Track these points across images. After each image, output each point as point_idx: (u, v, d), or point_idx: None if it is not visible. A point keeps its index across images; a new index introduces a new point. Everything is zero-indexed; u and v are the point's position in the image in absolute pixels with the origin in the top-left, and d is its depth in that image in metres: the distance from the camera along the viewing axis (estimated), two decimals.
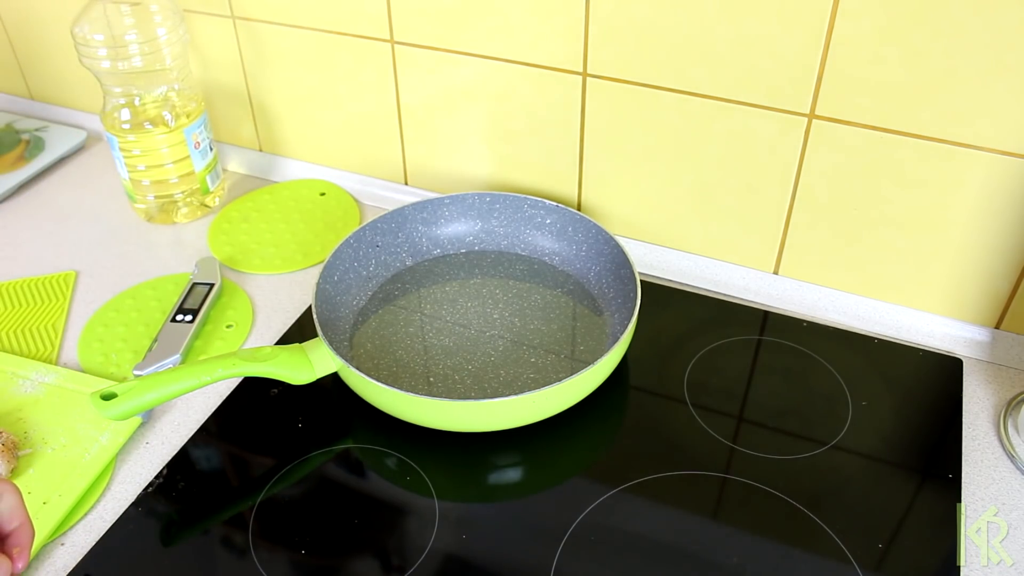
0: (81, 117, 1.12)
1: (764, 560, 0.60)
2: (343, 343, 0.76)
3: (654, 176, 0.82)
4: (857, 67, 0.68)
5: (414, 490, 0.65)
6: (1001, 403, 0.71)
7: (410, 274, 0.84)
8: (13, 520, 0.51)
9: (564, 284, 0.82)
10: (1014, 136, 0.66)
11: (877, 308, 0.79)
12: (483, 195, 0.85)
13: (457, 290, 0.82)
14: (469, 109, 0.87)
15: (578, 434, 0.69)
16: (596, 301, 0.80)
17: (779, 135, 0.74)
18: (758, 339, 0.78)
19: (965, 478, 0.65)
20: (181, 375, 0.66)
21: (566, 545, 0.61)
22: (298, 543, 0.62)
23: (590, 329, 0.77)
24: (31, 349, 0.79)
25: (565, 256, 0.84)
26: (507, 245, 0.86)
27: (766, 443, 0.68)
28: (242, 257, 0.90)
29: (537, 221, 0.85)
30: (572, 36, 0.77)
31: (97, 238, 0.93)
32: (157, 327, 0.80)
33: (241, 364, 0.67)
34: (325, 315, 0.74)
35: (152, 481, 0.66)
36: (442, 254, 0.86)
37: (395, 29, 0.85)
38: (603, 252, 0.80)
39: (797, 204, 0.77)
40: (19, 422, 0.70)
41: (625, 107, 0.79)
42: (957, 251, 0.73)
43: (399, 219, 0.84)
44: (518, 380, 0.72)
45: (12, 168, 1.03)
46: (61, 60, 1.08)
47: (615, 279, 0.78)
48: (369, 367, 0.74)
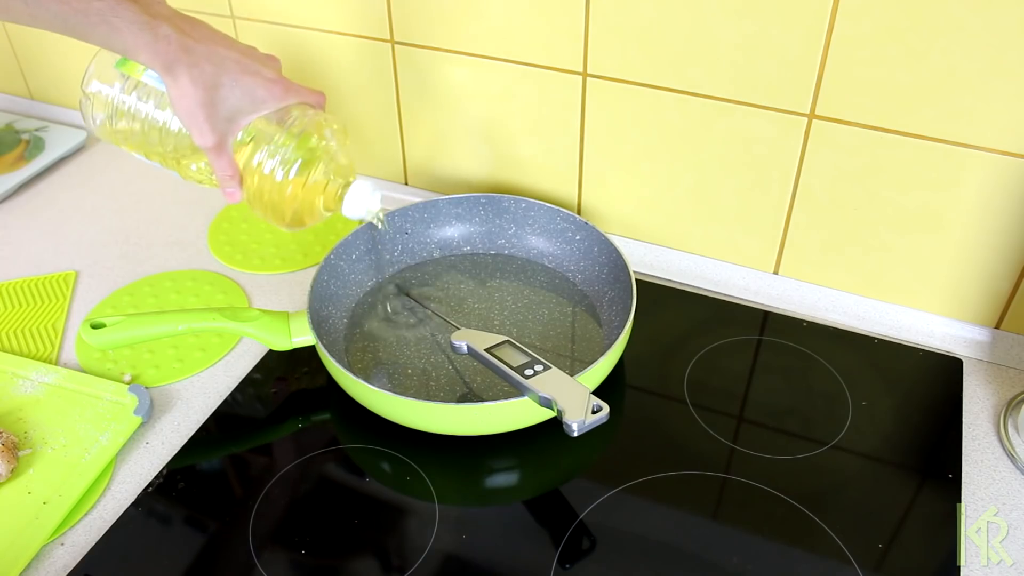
0: (81, 117, 1.12)
1: (764, 560, 0.60)
2: (337, 343, 0.76)
3: (654, 176, 0.82)
4: (857, 67, 0.68)
5: (414, 490, 0.65)
6: (1001, 403, 0.71)
7: (408, 275, 0.84)
8: None
9: (561, 285, 0.82)
10: (1014, 136, 0.66)
11: (877, 308, 0.79)
12: (481, 197, 0.85)
13: (455, 291, 0.82)
14: (469, 109, 0.87)
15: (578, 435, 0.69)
16: (594, 302, 0.80)
17: (779, 135, 0.74)
18: (758, 339, 0.78)
19: (965, 478, 0.65)
20: (164, 319, 0.72)
21: (566, 545, 0.61)
22: (298, 543, 0.62)
23: (588, 330, 0.77)
24: (31, 349, 0.79)
25: (562, 257, 0.84)
26: (505, 247, 0.86)
27: (766, 443, 0.68)
28: (242, 257, 0.90)
29: (534, 223, 0.85)
30: (572, 36, 0.77)
31: (97, 238, 0.94)
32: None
33: (221, 319, 0.70)
34: (320, 297, 0.75)
35: (152, 481, 0.66)
36: (441, 255, 0.86)
37: (395, 29, 0.85)
38: (600, 253, 0.80)
39: (797, 204, 0.77)
40: (19, 422, 0.70)
41: (625, 107, 0.79)
42: (957, 251, 0.73)
43: (399, 219, 0.84)
44: None
45: (12, 168, 1.03)
46: (61, 60, 1.08)
47: (613, 280, 0.78)
48: (361, 369, 0.74)
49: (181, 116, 0.61)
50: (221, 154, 0.63)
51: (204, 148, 0.62)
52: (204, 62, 0.59)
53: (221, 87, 0.60)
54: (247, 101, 0.62)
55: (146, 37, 0.58)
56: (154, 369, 0.76)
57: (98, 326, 0.70)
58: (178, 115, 0.61)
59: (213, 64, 0.60)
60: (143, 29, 0.58)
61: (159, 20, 0.58)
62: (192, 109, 0.60)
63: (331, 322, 0.77)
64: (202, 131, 0.61)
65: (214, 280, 0.87)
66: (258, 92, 0.62)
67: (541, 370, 0.61)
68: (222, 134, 0.62)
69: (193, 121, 0.60)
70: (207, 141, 0.61)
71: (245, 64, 0.62)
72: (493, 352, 0.64)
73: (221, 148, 0.62)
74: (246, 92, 0.62)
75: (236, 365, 0.77)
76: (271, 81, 0.63)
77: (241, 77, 0.61)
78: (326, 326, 0.75)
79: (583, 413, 0.57)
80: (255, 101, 0.62)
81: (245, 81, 0.61)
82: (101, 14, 0.57)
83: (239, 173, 0.65)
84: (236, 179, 0.65)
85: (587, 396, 0.58)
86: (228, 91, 0.61)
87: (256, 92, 0.62)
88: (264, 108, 0.63)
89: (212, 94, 0.60)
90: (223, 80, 0.60)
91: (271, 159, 0.64)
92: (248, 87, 0.62)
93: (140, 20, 0.58)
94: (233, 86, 0.61)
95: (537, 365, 0.62)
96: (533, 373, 0.61)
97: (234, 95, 0.61)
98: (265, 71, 0.63)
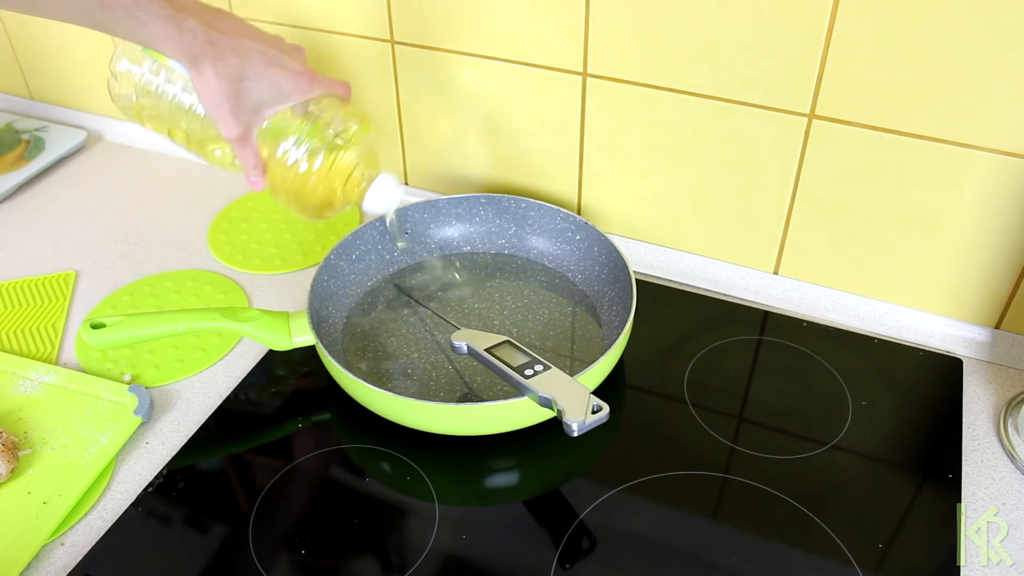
0: (81, 117, 1.12)
1: (764, 560, 0.60)
2: (337, 343, 0.76)
3: (654, 176, 0.82)
4: (857, 67, 0.68)
5: (414, 491, 0.65)
6: (1001, 403, 0.71)
7: (408, 275, 0.84)
8: None
9: (562, 285, 0.82)
10: (1014, 136, 0.66)
11: (877, 308, 0.79)
12: (481, 197, 0.85)
13: (455, 291, 0.82)
14: (469, 109, 0.87)
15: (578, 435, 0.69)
16: (593, 302, 0.80)
17: (779, 135, 0.74)
18: (758, 339, 0.78)
19: (965, 478, 0.65)
20: (164, 319, 0.72)
21: (566, 545, 0.61)
22: (298, 543, 0.62)
23: (588, 330, 0.77)
24: (31, 349, 0.79)
25: (562, 257, 0.84)
26: (505, 247, 0.86)
27: (766, 443, 0.68)
28: (242, 257, 0.90)
29: (534, 223, 0.85)
30: (572, 36, 0.77)
31: (97, 238, 0.94)
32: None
33: (221, 319, 0.70)
34: (320, 297, 0.75)
35: (152, 481, 0.66)
36: (440, 255, 0.86)
37: (395, 29, 0.85)
38: (600, 253, 0.80)
39: (797, 204, 0.77)
40: (19, 422, 0.70)
41: (625, 107, 0.79)
42: (957, 251, 0.73)
43: (399, 219, 0.84)
44: None
45: (12, 168, 1.03)
46: (61, 60, 1.08)
47: (613, 280, 0.78)
48: (361, 369, 0.74)
49: (207, 108, 0.61)
50: (246, 145, 0.63)
51: (229, 139, 0.62)
52: (229, 55, 0.60)
53: (246, 79, 0.61)
54: (272, 93, 0.62)
55: (171, 30, 0.58)
56: (154, 369, 0.76)
57: (98, 326, 0.70)
58: (204, 107, 0.62)
59: (238, 56, 0.60)
60: (168, 22, 0.58)
61: (184, 13, 0.58)
62: (217, 102, 0.60)
63: (331, 322, 0.77)
64: (227, 123, 0.61)
65: (214, 280, 0.87)
66: (283, 84, 0.62)
67: (541, 370, 0.61)
68: (247, 125, 0.62)
69: (218, 113, 0.61)
70: (232, 133, 0.62)
71: (271, 56, 0.62)
72: (493, 352, 0.64)
73: (246, 139, 0.63)
74: (271, 84, 0.62)
75: (236, 365, 0.77)
76: (296, 73, 0.63)
77: (266, 69, 0.61)
78: (326, 326, 0.75)
79: (583, 413, 0.57)
80: (280, 93, 0.63)
81: (270, 73, 0.62)
82: (126, 8, 0.57)
83: (263, 163, 0.65)
84: (260, 169, 0.65)
85: (587, 396, 0.58)
86: (253, 83, 0.61)
87: (281, 84, 0.62)
88: (289, 100, 0.63)
89: (237, 87, 0.60)
90: (248, 72, 0.60)
91: (296, 150, 0.64)
92: (273, 79, 0.62)
93: (165, 13, 0.58)
94: (258, 78, 0.61)
95: (537, 365, 0.62)
96: (533, 373, 0.61)
97: (259, 87, 0.61)
98: (290, 63, 0.63)
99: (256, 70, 0.61)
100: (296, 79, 0.63)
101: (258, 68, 0.61)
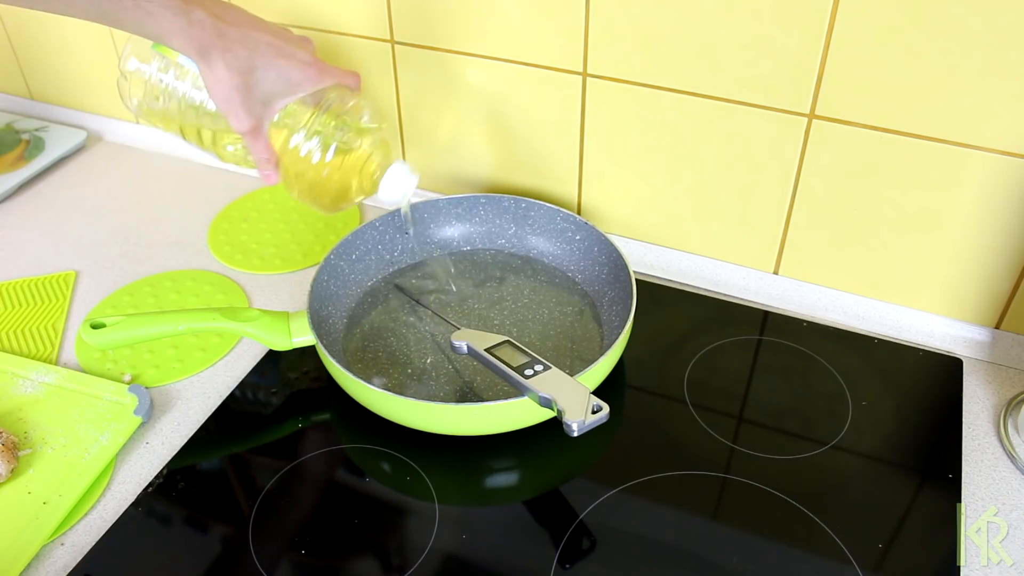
0: (81, 117, 1.12)
1: (764, 560, 0.60)
2: (337, 343, 0.76)
3: (654, 176, 0.82)
4: (857, 67, 0.68)
5: (414, 491, 0.65)
6: (1001, 403, 0.71)
7: (408, 275, 0.84)
8: None
9: (561, 285, 0.82)
10: (1014, 136, 0.66)
11: (877, 308, 0.79)
12: (481, 197, 0.85)
13: (455, 291, 0.82)
14: (469, 109, 0.87)
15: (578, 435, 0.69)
16: (594, 302, 0.80)
17: (779, 135, 0.74)
18: (758, 339, 0.78)
19: (965, 478, 0.65)
20: (164, 319, 0.72)
21: (566, 545, 0.61)
22: (298, 543, 0.62)
23: (588, 330, 0.77)
24: (31, 349, 0.79)
25: (562, 257, 0.84)
26: (505, 247, 0.86)
27: (766, 443, 0.68)
28: (242, 257, 0.90)
29: (534, 223, 0.85)
30: (572, 36, 0.77)
31: (97, 238, 0.94)
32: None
33: (221, 319, 0.70)
34: (320, 297, 0.75)
35: (152, 481, 0.66)
36: (441, 255, 0.86)
37: (395, 29, 0.85)
38: (600, 253, 0.80)
39: (797, 204, 0.77)
40: (19, 422, 0.70)
41: (625, 107, 0.79)
42: (957, 251, 0.73)
43: (399, 219, 0.84)
44: None
45: (12, 168, 1.03)
46: (61, 60, 1.08)
47: (613, 280, 0.78)
48: (361, 369, 0.74)
49: (217, 101, 0.61)
50: (257, 138, 0.63)
51: (240, 132, 0.62)
52: (238, 46, 0.59)
53: (256, 71, 0.60)
54: (282, 85, 0.62)
55: (180, 22, 0.58)
56: (154, 369, 0.76)
57: (98, 326, 0.70)
58: (214, 100, 0.61)
59: (247, 48, 0.60)
60: (177, 14, 0.58)
61: (192, 5, 0.58)
62: (227, 94, 0.60)
63: (331, 322, 0.77)
64: (238, 116, 0.61)
65: (214, 280, 0.87)
66: (293, 75, 0.62)
67: (541, 370, 0.61)
68: (258, 118, 0.62)
69: (229, 106, 0.61)
70: (243, 125, 0.61)
71: (279, 47, 0.62)
72: (493, 352, 0.64)
73: (257, 132, 0.62)
74: (281, 76, 0.62)
75: (236, 365, 0.77)
76: (306, 64, 0.63)
77: (275, 60, 0.61)
78: (326, 326, 0.75)
79: (583, 413, 0.57)
80: (290, 84, 0.62)
81: (280, 64, 0.61)
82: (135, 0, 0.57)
83: (276, 156, 0.65)
84: (272, 162, 0.65)
85: (587, 396, 0.58)
86: (263, 75, 0.61)
87: (291, 75, 0.62)
88: (299, 91, 0.63)
89: (247, 78, 0.60)
90: (257, 64, 0.60)
91: (307, 141, 0.64)
92: (283, 70, 0.62)
93: (174, 5, 0.58)
94: (268, 70, 0.61)
95: (537, 365, 0.62)
96: (533, 373, 0.61)
97: (269, 79, 0.61)
98: (300, 53, 0.63)
99: (265, 61, 0.61)
100: (306, 69, 0.63)
101: (267, 59, 0.61)
